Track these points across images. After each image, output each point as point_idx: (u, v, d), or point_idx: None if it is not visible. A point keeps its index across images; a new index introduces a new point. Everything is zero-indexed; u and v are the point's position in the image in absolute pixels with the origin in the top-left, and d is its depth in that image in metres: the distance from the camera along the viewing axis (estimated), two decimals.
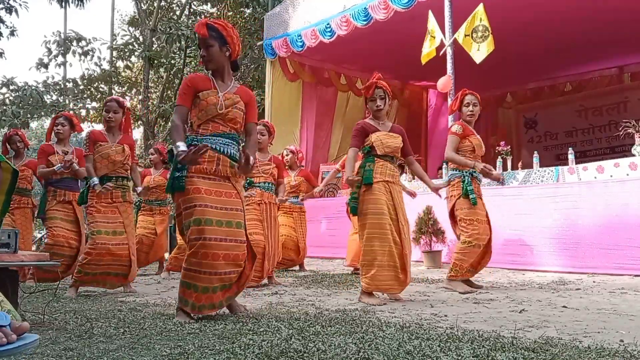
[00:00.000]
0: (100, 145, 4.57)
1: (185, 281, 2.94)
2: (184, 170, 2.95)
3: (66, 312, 3.22)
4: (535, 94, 12.77)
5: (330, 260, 8.07)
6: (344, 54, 10.51)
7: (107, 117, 4.63)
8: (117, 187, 4.58)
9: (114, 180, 4.57)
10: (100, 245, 4.42)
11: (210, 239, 2.90)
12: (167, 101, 15.00)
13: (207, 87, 3.08)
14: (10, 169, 1.85)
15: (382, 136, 3.90)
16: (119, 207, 4.59)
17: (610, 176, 5.97)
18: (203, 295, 2.92)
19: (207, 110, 3.03)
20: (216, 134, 3.04)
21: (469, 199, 4.36)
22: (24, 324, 1.40)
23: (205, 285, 2.92)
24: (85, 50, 14.85)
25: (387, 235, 3.70)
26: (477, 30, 7.01)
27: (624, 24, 8.60)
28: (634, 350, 2.04)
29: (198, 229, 2.91)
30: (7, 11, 13.84)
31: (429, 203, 6.75)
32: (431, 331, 2.44)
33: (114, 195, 4.56)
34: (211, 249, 2.90)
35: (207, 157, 2.99)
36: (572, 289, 4.25)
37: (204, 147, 2.82)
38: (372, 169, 3.82)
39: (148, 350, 2.12)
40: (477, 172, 4.46)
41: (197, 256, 2.90)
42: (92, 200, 4.52)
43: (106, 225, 4.50)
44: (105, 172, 4.55)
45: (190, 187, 2.95)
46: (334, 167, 10.13)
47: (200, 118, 3.04)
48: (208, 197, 2.96)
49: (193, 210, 2.93)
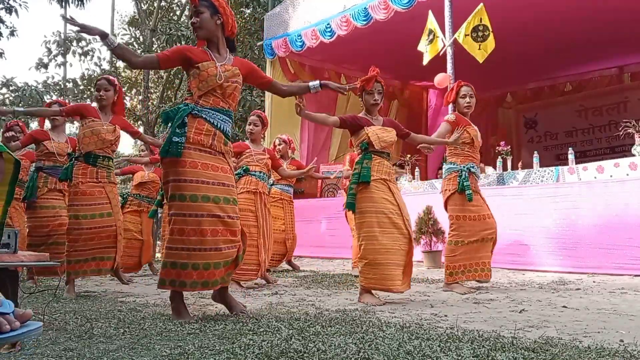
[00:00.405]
0: (92, 121, 4.43)
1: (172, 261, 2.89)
2: (182, 137, 2.93)
3: (66, 313, 3.22)
4: (535, 94, 12.78)
5: (330, 260, 8.07)
6: (344, 54, 10.51)
7: (99, 96, 4.52)
8: (103, 167, 4.48)
9: (101, 159, 4.45)
10: (86, 230, 4.32)
11: (203, 215, 2.89)
12: (167, 101, 15.00)
13: (205, 59, 3.06)
14: (13, 160, 1.84)
15: (378, 130, 3.85)
16: (105, 187, 4.48)
17: (610, 176, 5.97)
18: (205, 272, 2.90)
19: (207, 81, 3.02)
20: (215, 108, 3.06)
21: (464, 195, 4.28)
22: (27, 312, 1.41)
23: (195, 262, 2.89)
24: (85, 50, 14.86)
25: (386, 233, 3.66)
26: (477, 29, 7.01)
27: (624, 24, 8.61)
28: (634, 350, 2.04)
29: (192, 205, 2.88)
30: (7, 11, 13.84)
31: (429, 203, 6.75)
32: (431, 331, 2.44)
33: (99, 175, 4.45)
34: (201, 225, 2.88)
35: (205, 130, 3.00)
36: (572, 289, 4.25)
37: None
38: (370, 166, 3.78)
39: (148, 350, 2.12)
40: (475, 168, 4.42)
41: (184, 233, 2.87)
42: (77, 179, 4.38)
43: (93, 208, 4.38)
44: (92, 149, 4.41)
45: (187, 160, 2.93)
46: (334, 167, 10.15)
47: (201, 89, 3.03)
48: (204, 172, 2.95)
49: (188, 184, 2.91)
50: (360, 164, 3.81)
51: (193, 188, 2.90)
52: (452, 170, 4.41)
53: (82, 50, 14.95)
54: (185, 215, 2.89)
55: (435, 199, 6.77)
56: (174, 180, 2.94)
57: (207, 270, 2.91)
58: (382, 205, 3.72)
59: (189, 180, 2.92)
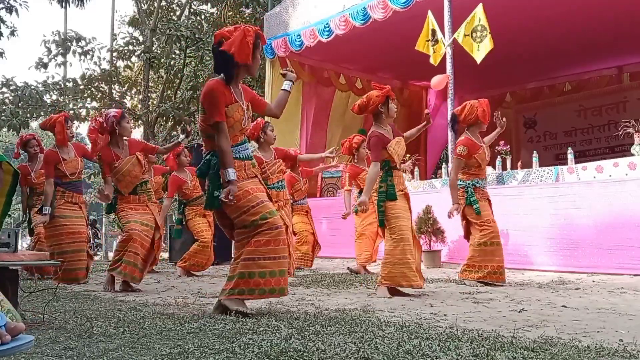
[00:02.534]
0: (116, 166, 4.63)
1: (258, 271, 2.99)
2: (221, 188, 3.02)
3: (66, 312, 3.22)
4: (535, 94, 12.78)
5: (330, 260, 8.08)
6: (344, 54, 10.51)
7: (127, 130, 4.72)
8: (142, 192, 4.73)
9: (137, 187, 4.69)
10: (135, 232, 4.51)
11: (279, 227, 3.05)
12: (167, 101, 14.98)
13: (230, 100, 3.07)
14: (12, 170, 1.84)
15: (395, 146, 4.07)
16: (149, 206, 4.75)
17: (610, 176, 5.97)
18: (272, 279, 3.02)
19: (234, 127, 3.10)
20: (237, 144, 3.15)
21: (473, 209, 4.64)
22: (19, 325, 1.40)
23: (276, 269, 3.03)
24: (85, 50, 14.83)
25: (410, 238, 3.99)
26: (476, 30, 7.02)
27: (623, 24, 8.61)
28: (634, 350, 2.05)
29: (269, 221, 3.02)
30: (8, 11, 13.84)
31: (428, 203, 6.76)
32: (431, 330, 2.44)
33: (141, 200, 4.72)
34: (280, 235, 3.04)
35: (236, 166, 3.08)
36: (572, 289, 4.25)
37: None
38: (394, 184, 4.06)
39: (148, 349, 2.13)
40: (481, 182, 4.75)
41: (270, 244, 3.01)
42: (122, 205, 4.64)
43: (139, 217, 4.61)
44: (130, 187, 4.69)
45: (240, 192, 3.04)
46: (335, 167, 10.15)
47: (228, 135, 3.08)
48: (259, 194, 3.10)
49: (256, 209, 3.03)
50: (386, 182, 4.06)
51: (262, 208, 3.05)
52: (460, 187, 4.76)
53: (82, 50, 14.92)
54: (268, 230, 3.02)
55: (434, 199, 6.78)
56: (245, 212, 3.04)
57: (273, 278, 3.04)
58: (404, 213, 4.05)
59: (258, 203, 3.05)
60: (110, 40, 16.06)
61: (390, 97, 4.12)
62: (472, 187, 4.69)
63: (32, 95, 13.00)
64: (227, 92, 3.06)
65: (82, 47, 14.81)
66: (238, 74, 3.11)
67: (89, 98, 15.18)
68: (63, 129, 5.37)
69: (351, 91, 11.72)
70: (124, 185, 4.62)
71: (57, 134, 5.39)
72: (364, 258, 6.04)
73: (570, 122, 11.90)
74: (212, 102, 3.01)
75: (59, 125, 5.37)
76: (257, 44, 3.09)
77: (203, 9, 16.81)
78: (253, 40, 3.03)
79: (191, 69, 14.80)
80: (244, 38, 2.99)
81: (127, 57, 15.51)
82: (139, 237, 4.52)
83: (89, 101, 15.22)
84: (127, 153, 4.63)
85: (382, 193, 4.05)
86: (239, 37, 2.98)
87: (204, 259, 6.25)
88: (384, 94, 4.09)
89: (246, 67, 3.12)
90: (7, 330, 1.36)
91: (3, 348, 1.32)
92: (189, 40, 13.54)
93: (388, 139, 4.07)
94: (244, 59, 3.02)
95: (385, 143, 4.05)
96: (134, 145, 4.71)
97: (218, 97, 3.00)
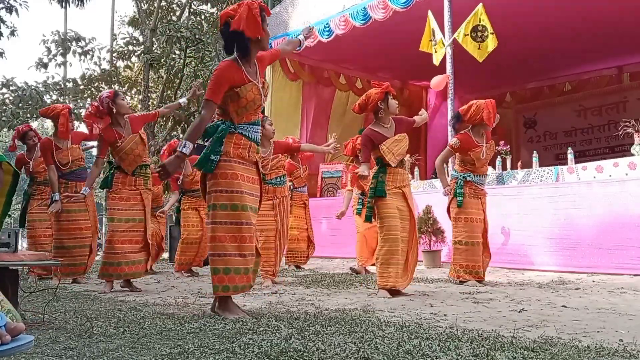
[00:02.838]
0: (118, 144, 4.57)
1: (217, 267, 2.98)
2: (218, 155, 3.00)
3: (66, 312, 3.22)
4: (535, 94, 12.78)
5: (330, 260, 8.08)
6: (344, 54, 10.51)
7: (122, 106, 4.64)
8: (140, 175, 4.65)
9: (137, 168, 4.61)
10: (117, 233, 4.47)
11: (243, 223, 3.00)
12: (167, 101, 14.99)
13: (241, 80, 3.02)
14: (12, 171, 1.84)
15: (391, 145, 4.05)
16: (142, 193, 4.65)
17: (610, 176, 5.97)
18: (237, 276, 2.99)
19: (246, 107, 3.06)
20: (249, 122, 3.11)
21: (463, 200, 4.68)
22: (19, 325, 1.40)
23: (237, 266, 2.99)
24: (85, 50, 14.83)
25: (398, 238, 3.94)
26: (476, 29, 7.02)
27: (623, 24, 8.61)
28: (634, 350, 2.05)
29: (233, 214, 2.98)
30: (8, 11, 13.85)
31: (428, 202, 6.76)
32: (431, 330, 2.44)
33: (137, 183, 4.63)
34: (241, 232, 3.00)
35: (242, 144, 3.06)
36: (572, 289, 4.25)
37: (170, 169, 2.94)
38: (384, 180, 4.03)
39: (148, 349, 2.13)
40: (474, 177, 4.75)
41: (226, 240, 2.97)
42: (117, 187, 4.56)
43: (127, 213, 4.55)
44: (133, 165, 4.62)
45: (228, 172, 3.01)
46: (332, 166, 10.16)
47: (240, 114, 3.06)
48: (244, 183, 3.05)
49: (231, 195, 3.00)
50: (376, 179, 4.05)
51: (237, 198, 3.00)
52: (453, 177, 4.88)
53: (82, 49, 14.93)
54: (227, 224, 2.99)
55: (434, 199, 6.78)
56: (220, 191, 3.01)
57: (238, 275, 3.00)
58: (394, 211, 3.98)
59: (236, 191, 3.01)
60: (110, 40, 16.08)
61: (389, 93, 4.12)
62: (463, 180, 4.71)
63: (32, 96, 13.00)
64: (239, 74, 3.02)
65: (82, 47, 14.81)
66: (251, 49, 3.08)
67: (89, 98, 15.19)
68: (66, 121, 5.41)
69: (351, 91, 11.72)
70: (127, 163, 4.55)
71: (60, 126, 5.40)
72: (365, 259, 6.04)
73: (570, 122, 11.90)
74: (215, 81, 3.00)
75: (63, 117, 5.40)
76: (264, 16, 3.07)
77: (203, 9, 16.81)
78: (259, 13, 3.01)
79: (191, 69, 14.79)
80: (250, 12, 2.96)
81: (127, 57, 15.52)
82: (121, 236, 4.49)
83: (89, 101, 15.22)
84: (129, 131, 4.57)
85: (371, 189, 4.07)
86: (245, 12, 2.95)
87: (190, 256, 6.28)
88: (383, 91, 4.10)
89: (258, 42, 3.08)
90: (7, 331, 1.35)
91: (3, 348, 1.32)
92: (189, 41, 13.53)
93: (382, 138, 4.06)
94: (255, 32, 3.00)
95: (378, 142, 4.04)
96: (135, 122, 4.66)
97: (222, 79, 2.98)
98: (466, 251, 4.64)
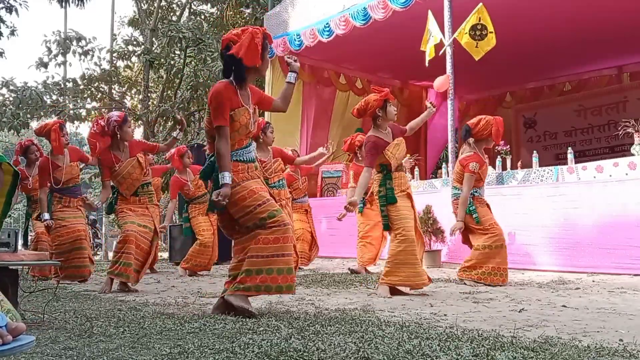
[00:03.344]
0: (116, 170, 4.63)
1: (265, 267, 2.99)
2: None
3: (66, 312, 3.22)
4: (535, 94, 12.78)
5: (330, 260, 8.08)
6: (344, 54, 10.51)
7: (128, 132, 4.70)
8: (144, 194, 4.73)
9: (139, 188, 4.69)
10: (131, 232, 4.51)
11: (287, 224, 3.06)
12: (167, 101, 14.99)
13: (236, 104, 3.06)
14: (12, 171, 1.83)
15: (394, 150, 4.09)
16: (148, 207, 4.74)
17: (610, 176, 5.97)
18: (279, 276, 3.01)
19: (239, 132, 3.10)
20: (241, 148, 3.14)
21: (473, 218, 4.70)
22: (20, 325, 1.40)
23: (283, 266, 3.02)
24: (85, 50, 14.82)
25: (413, 238, 4.02)
26: (475, 28, 7.02)
27: (623, 23, 8.61)
28: (634, 350, 2.05)
29: (277, 219, 3.02)
30: (7, 11, 13.82)
31: (428, 202, 6.76)
32: (431, 330, 2.44)
33: (141, 201, 4.71)
34: (287, 232, 3.05)
35: (240, 169, 3.11)
36: (572, 289, 4.25)
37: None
38: (393, 186, 4.07)
39: (148, 349, 2.13)
40: (480, 191, 4.81)
41: (279, 241, 3.01)
42: (122, 206, 4.64)
43: (137, 219, 4.61)
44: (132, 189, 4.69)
45: (245, 191, 3.05)
46: (332, 166, 10.16)
47: (233, 138, 3.08)
48: (264, 192, 3.10)
49: (263, 206, 3.03)
50: (385, 186, 4.08)
51: (269, 206, 3.05)
52: (457, 196, 4.82)
53: (82, 49, 14.91)
54: (277, 227, 3.02)
55: (434, 199, 6.79)
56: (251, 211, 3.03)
57: (280, 275, 3.03)
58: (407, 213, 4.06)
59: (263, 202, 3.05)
60: (110, 40, 16.07)
61: (388, 100, 4.13)
62: (471, 197, 4.74)
63: (32, 96, 12.99)
64: (234, 96, 3.05)
65: (82, 47, 14.80)
66: (247, 76, 3.11)
67: (89, 98, 15.18)
68: (58, 137, 5.38)
69: (351, 91, 11.71)
70: (125, 187, 4.61)
71: (52, 142, 5.41)
72: (366, 260, 6.04)
73: (570, 122, 11.90)
74: (217, 106, 3.01)
75: (54, 133, 5.37)
76: (265, 45, 3.09)
77: (203, 9, 16.80)
78: (262, 42, 3.03)
79: (191, 69, 14.79)
80: (252, 40, 2.98)
81: (127, 57, 15.52)
82: (136, 238, 4.52)
83: (89, 101, 15.23)
84: (127, 155, 4.61)
85: (382, 197, 4.09)
86: (247, 40, 2.98)
87: (205, 259, 6.29)
88: (382, 98, 4.10)
89: (255, 69, 3.12)
90: (8, 331, 1.35)
91: (4, 348, 1.32)
92: (190, 41, 13.51)
93: (385, 144, 4.08)
94: (253, 61, 3.02)
95: (382, 148, 4.06)
96: (134, 147, 4.70)
97: (224, 102, 3.00)
98: (496, 254, 4.61)
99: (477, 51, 7.05)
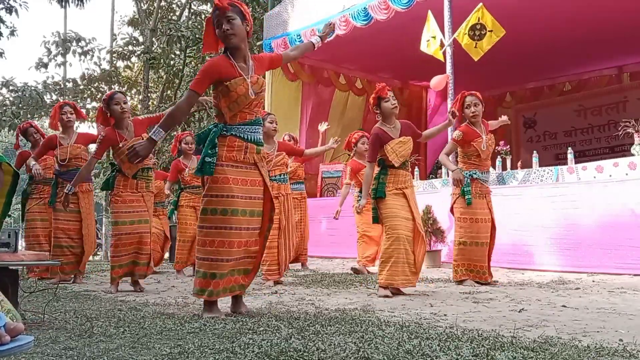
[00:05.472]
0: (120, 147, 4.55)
1: (204, 271, 2.98)
2: (214, 157, 2.99)
3: (66, 312, 3.22)
4: (535, 94, 12.79)
5: (330, 260, 8.08)
6: (344, 54, 10.51)
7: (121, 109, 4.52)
8: (142, 178, 4.65)
9: (139, 171, 4.62)
10: (125, 235, 4.50)
11: (232, 227, 2.98)
12: (167, 101, 15.00)
13: (232, 74, 3.01)
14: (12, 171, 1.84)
15: (396, 146, 4.08)
16: (144, 196, 4.66)
17: (610, 176, 5.97)
18: (221, 280, 2.99)
19: (238, 102, 3.02)
20: (244, 122, 3.07)
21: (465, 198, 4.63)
22: (18, 325, 1.39)
23: (222, 272, 2.99)
24: (85, 50, 14.84)
25: (403, 237, 3.98)
26: (474, 28, 7.02)
27: (623, 23, 8.61)
28: (633, 350, 2.05)
29: (223, 219, 2.97)
30: (7, 11, 13.83)
31: (428, 202, 6.76)
32: (430, 330, 2.44)
33: (139, 186, 4.63)
34: (229, 237, 2.98)
35: (236, 146, 3.04)
36: (572, 289, 4.25)
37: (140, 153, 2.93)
38: (385, 181, 4.07)
39: (148, 349, 2.13)
40: (479, 174, 4.69)
41: (214, 244, 2.96)
42: (119, 189, 4.56)
43: (131, 215, 4.57)
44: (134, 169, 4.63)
45: (219, 176, 3.00)
46: (332, 166, 10.16)
47: (232, 109, 3.03)
48: (236, 187, 3.02)
49: (220, 199, 2.99)
50: (377, 180, 4.10)
51: (225, 202, 2.98)
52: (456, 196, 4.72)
53: (82, 50, 14.93)
54: (217, 228, 2.98)
55: (434, 199, 6.78)
56: (212, 195, 3.01)
57: (222, 279, 3.00)
58: (396, 211, 4.03)
59: (225, 195, 3.00)
60: (110, 40, 16.08)
61: (382, 97, 4.14)
62: (469, 178, 4.66)
63: (32, 96, 13.01)
64: (230, 68, 3.01)
65: (82, 47, 14.82)
66: (231, 52, 3.08)
67: (89, 98, 15.19)
68: (56, 113, 5.56)
69: (351, 91, 11.73)
70: (128, 166, 4.52)
71: (49, 118, 5.62)
72: (367, 259, 6.04)
73: (570, 122, 11.90)
74: (201, 73, 3.01)
75: (53, 110, 5.62)
76: (211, 20, 3.09)
77: (203, 9, 16.81)
78: (207, 28, 3.11)
79: (191, 69, 14.80)
80: (205, 32, 3.13)
81: (127, 57, 15.52)
82: (127, 239, 4.53)
83: (89, 101, 15.23)
84: (132, 134, 4.55)
85: (373, 190, 4.13)
86: (204, 32, 3.14)
87: (184, 254, 6.29)
88: (375, 96, 4.17)
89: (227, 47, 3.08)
90: (6, 331, 1.35)
91: (3, 349, 1.32)
92: (189, 40, 13.53)
93: (388, 138, 4.09)
94: (207, 48, 3.13)
95: (384, 141, 4.07)
96: (138, 126, 4.64)
97: (209, 70, 3.00)
98: (470, 252, 4.60)
99: (476, 51, 7.06)
